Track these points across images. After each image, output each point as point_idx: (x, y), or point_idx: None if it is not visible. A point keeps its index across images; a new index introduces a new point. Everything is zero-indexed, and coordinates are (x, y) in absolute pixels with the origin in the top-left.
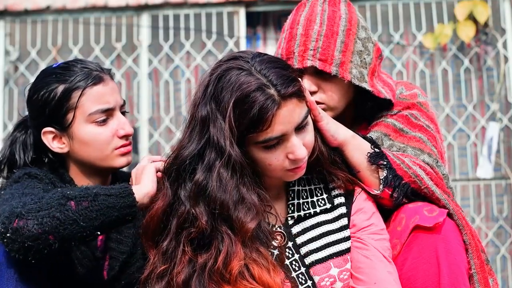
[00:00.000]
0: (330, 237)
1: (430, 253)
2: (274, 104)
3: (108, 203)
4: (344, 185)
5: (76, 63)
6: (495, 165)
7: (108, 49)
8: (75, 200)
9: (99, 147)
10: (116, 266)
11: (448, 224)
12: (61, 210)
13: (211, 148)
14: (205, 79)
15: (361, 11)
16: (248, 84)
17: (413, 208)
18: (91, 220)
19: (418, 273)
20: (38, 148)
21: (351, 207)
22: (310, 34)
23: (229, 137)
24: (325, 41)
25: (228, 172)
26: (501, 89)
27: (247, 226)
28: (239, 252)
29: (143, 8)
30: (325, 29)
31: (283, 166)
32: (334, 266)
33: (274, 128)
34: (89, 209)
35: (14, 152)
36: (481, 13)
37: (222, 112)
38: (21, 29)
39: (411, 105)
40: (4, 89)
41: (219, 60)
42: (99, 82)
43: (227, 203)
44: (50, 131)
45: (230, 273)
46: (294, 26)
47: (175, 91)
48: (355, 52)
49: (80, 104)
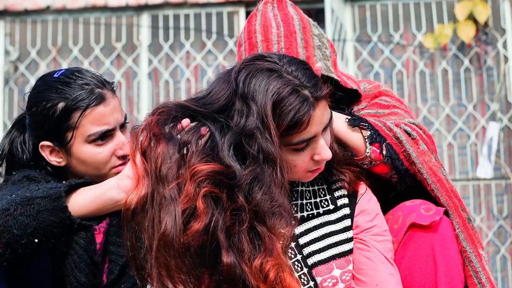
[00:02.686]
0: (333, 238)
1: (427, 252)
2: (311, 106)
3: (40, 207)
4: (350, 184)
5: (77, 77)
6: (495, 165)
7: (108, 49)
8: (16, 205)
9: (97, 166)
10: (116, 270)
11: (445, 222)
12: (2, 216)
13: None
14: (230, 83)
15: (361, 11)
16: (283, 86)
17: (410, 206)
18: (23, 227)
19: (415, 271)
20: (36, 149)
21: (355, 208)
22: (270, 38)
23: (270, 140)
24: (286, 41)
25: (269, 175)
26: (501, 89)
27: (279, 232)
28: (278, 252)
29: (143, 8)
30: (283, 31)
31: (307, 167)
32: (336, 267)
33: (309, 129)
34: (24, 214)
35: (12, 150)
36: (481, 13)
37: (259, 116)
38: (21, 29)
39: (378, 93)
40: (4, 89)
41: (242, 61)
42: (101, 102)
43: (266, 206)
44: (47, 145)
45: (267, 274)
46: (252, 36)
47: (175, 91)
48: (315, 47)
49: (80, 125)
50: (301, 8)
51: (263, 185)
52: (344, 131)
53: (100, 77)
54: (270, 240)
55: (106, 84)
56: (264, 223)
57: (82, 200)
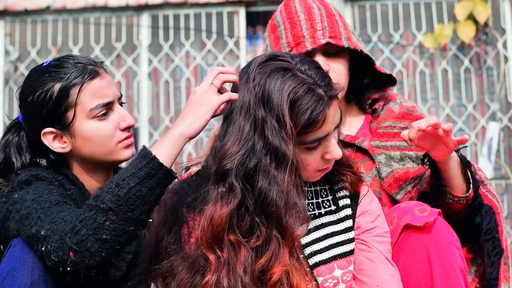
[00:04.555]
0: (334, 238)
1: (422, 253)
2: (326, 105)
3: (142, 192)
4: (352, 185)
5: (68, 59)
6: (495, 165)
7: (108, 49)
8: (112, 210)
9: (103, 141)
10: (123, 266)
11: (440, 223)
12: (105, 229)
13: (268, 152)
14: (245, 83)
15: (361, 11)
16: (299, 85)
17: (405, 207)
18: (137, 219)
19: (411, 273)
20: (34, 150)
21: (356, 209)
22: (314, 18)
23: (286, 140)
24: (328, 21)
25: (286, 176)
26: (501, 89)
27: (296, 232)
28: (284, 257)
29: (143, 8)
30: (324, 12)
31: (317, 166)
32: (337, 267)
33: (323, 128)
34: (130, 209)
35: (9, 155)
36: (481, 13)
37: (275, 115)
38: (21, 29)
39: (419, 117)
40: (4, 89)
41: (255, 60)
42: (96, 76)
43: (282, 207)
44: (50, 131)
45: (270, 278)
46: (294, 16)
47: (175, 91)
48: (350, 30)
49: (80, 101)
50: None
51: (279, 186)
52: (456, 169)
53: (89, 57)
54: (278, 242)
55: (96, 62)
56: (279, 223)
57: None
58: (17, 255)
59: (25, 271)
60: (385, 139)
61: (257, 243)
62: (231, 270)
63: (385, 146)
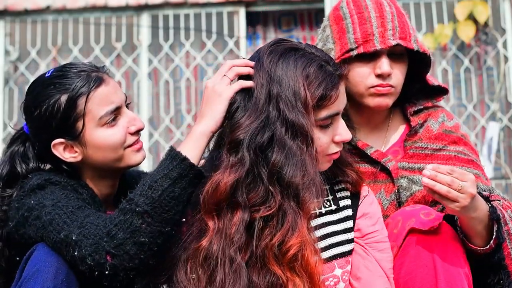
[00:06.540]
0: (334, 238)
1: (427, 257)
2: (337, 80)
3: (176, 193)
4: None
5: (70, 67)
6: (495, 165)
7: (108, 49)
8: (148, 212)
9: (114, 147)
10: None
11: (445, 227)
12: (142, 232)
13: (284, 125)
14: (257, 65)
15: None
16: (311, 61)
17: (410, 211)
18: (172, 219)
19: (416, 277)
20: (41, 159)
21: (357, 210)
22: (385, 16)
23: (303, 112)
24: (399, 20)
25: (303, 146)
26: (501, 89)
27: (312, 205)
28: (302, 229)
29: (143, 8)
30: (395, 10)
31: (327, 151)
32: (338, 266)
33: (335, 104)
34: (165, 210)
35: (15, 165)
36: (481, 13)
37: (291, 89)
38: (21, 29)
39: (457, 139)
40: (4, 89)
41: (264, 46)
42: (101, 83)
43: (299, 178)
44: (60, 142)
45: (287, 251)
46: (364, 11)
47: (175, 90)
48: (416, 32)
49: (88, 110)
50: (301, 8)
51: (296, 159)
52: (478, 225)
53: (91, 63)
54: (296, 213)
55: (99, 68)
56: (296, 195)
57: (192, 151)
58: (42, 258)
59: (49, 274)
60: (414, 161)
61: (267, 212)
62: (225, 238)
63: (411, 169)
